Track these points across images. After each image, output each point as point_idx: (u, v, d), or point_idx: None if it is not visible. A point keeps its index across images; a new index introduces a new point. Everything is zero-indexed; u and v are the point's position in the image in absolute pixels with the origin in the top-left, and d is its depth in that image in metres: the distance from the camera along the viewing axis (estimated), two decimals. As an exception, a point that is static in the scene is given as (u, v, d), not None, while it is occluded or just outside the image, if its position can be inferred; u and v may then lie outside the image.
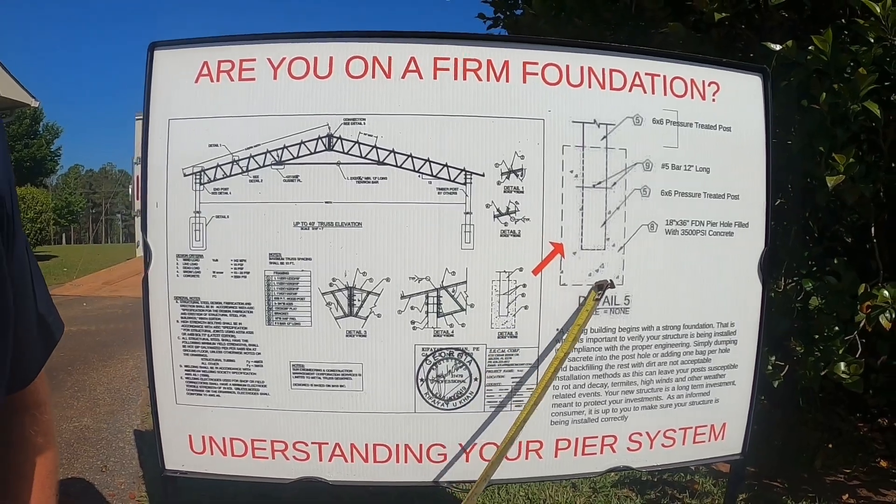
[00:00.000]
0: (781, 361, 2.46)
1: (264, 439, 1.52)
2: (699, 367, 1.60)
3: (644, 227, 1.51)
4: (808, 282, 2.42)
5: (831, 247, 2.77)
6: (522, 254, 1.46)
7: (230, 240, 1.47)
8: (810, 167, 2.27)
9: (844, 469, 2.62)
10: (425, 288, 1.45)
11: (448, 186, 1.44)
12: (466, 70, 1.45)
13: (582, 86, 1.48)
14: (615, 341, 1.52)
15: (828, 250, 2.69)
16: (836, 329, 2.34)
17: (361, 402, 1.48)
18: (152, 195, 1.50)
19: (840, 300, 2.32)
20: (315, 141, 1.44)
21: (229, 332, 1.49)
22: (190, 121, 1.49)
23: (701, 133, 1.57)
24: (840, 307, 2.32)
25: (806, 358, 2.34)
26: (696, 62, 1.60)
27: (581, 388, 1.51)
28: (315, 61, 1.46)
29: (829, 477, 2.58)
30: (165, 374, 1.53)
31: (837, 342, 2.29)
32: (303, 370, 1.48)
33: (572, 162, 1.47)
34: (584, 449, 1.55)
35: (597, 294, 1.42)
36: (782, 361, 2.46)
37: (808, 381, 2.32)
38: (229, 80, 1.48)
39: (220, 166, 1.47)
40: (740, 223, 1.61)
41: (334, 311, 1.45)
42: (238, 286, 1.47)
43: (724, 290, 1.60)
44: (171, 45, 1.52)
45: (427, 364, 1.47)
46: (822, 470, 2.59)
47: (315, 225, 1.44)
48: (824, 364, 2.29)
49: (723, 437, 1.67)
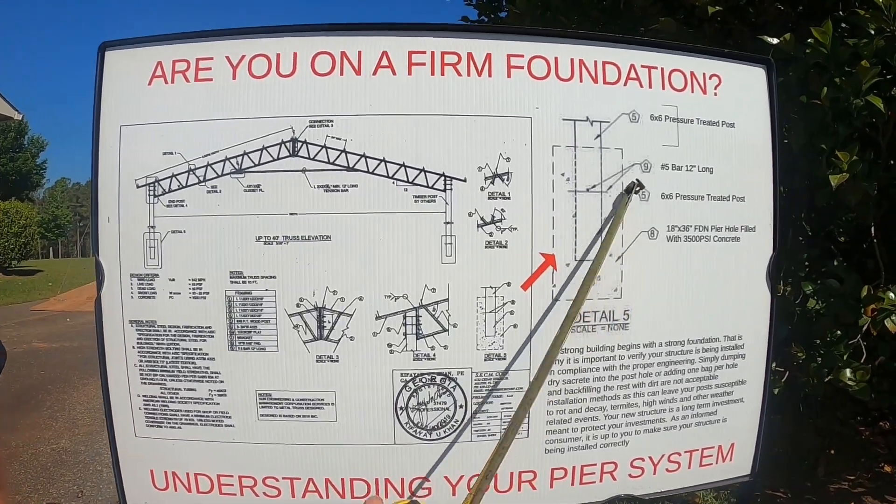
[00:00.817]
0: (781, 367, 2.26)
1: (231, 474, 1.31)
2: (705, 385, 1.39)
3: (644, 234, 1.30)
4: (807, 285, 2.22)
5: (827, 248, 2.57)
6: (510, 267, 1.26)
7: (187, 257, 1.26)
8: (811, 166, 2.07)
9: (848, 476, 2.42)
10: (402, 307, 1.24)
11: (426, 193, 1.23)
12: (444, 64, 1.24)
13: (573, 80, 1.28)
14: (614, 360, 1.31)
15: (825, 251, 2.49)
16: (839, 333, 2.14)
17: (335, 433, 1.27)
18: (104, 209, 1.30)
19: (842, 303, 2.12)
20: (278, 146, 1.23)
21: (189, 358, 1.28)
22: (143, 127, 1.28)
23: (703, 130, 1.36)
24: (842, 311, 2.12)
25: (808, 364, 2.15)
26: (696, 53, 1.39)
27: (577, 413, 1.31)
28: (277, 58, 1.25)
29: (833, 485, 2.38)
30: (122, 405, 1.32)
31: (841, 347, 2.09)
32: (270, 399, 1.27)
33: (563, 164, 1.26)
34: (581, 478, 1.34)
35: (627, 198, 1.25)
36: (782, 367, 2.26)
37: (811, 388, 2.13)
38: (185, 81, 1.27)
39: (176, 176, 1.26)
40: (747, 227, 1.40)
41: (302, 334, 1.24)
42: (197, 308, 1.26)
43: (730, 300, 1.40)
44: (123, 45, 1.31)
45: (407, 391, 1.26)
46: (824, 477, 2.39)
47: (279, 239, 1.23)
48: (828, 370, 2.09)
49: (731, 459, 1.46)
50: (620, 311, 1.30)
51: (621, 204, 1.26)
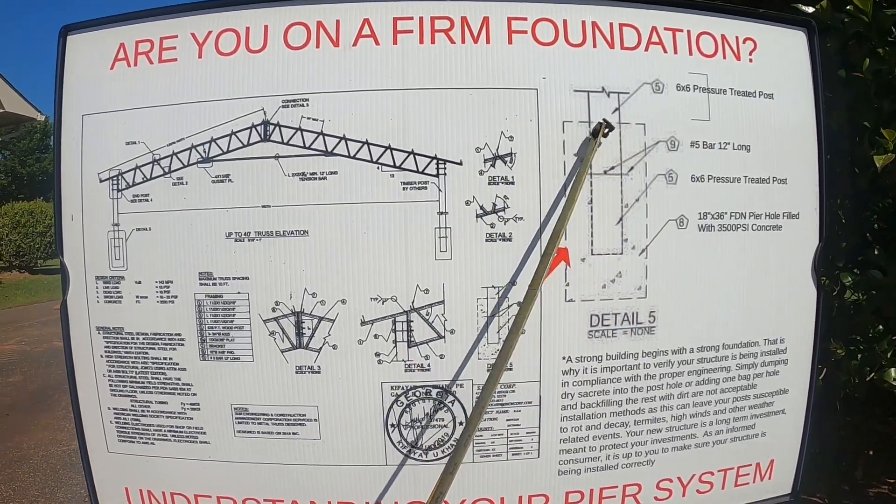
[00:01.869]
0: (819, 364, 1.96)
1: (209, 495, 1.11)
2: (742, 396, 1.14)
3: (671, 223, 1.05)
4: (846, 276, 1.91)
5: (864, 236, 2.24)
6: (515, 263, 1.02)
7: (154, 257, 1.06)
8: (852, 146, 1.76)
9: (888, 479, 2.10)
10: (391, 311, 1.01)
11: (416, 180, 1.00)
12: (435, 31, 1.01)
13: (584, 45, 1.03)
14: (638, 370, 1.06)
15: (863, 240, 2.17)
16: (881, 328, 1.84)
17: (320, 452, 1.05)
18: (67, 206, 1.11)
19: (885, 296, 1.81)
20: (248, 130, 1.02)
21: (159, 368, 1.08)
22: (105, 115, 1.09)
23: (737, 102, 1.10)
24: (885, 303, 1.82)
25: (847, 361, 1.85)
26: (727, 14, 1.12)
27: (596, 430, 1.06)
28: (247, 32, 1.04)
29: (872, 488, 2.08)
30: (94, 418, 1.14)
31: (884, 344, 1.78)
32: (247, 414, 1.06)
33: (576, 142, 1.01)
34: (601, 502, 1.10)
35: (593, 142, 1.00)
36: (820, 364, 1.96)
37: (852, 387, 1.83)
38: (148, 62, 1.07)
39: (140, 168, 1.06)
40: (789, 214, 1.14)
41: (280, 342, 1.03)
42: (165, 313, 1.06)
43: (771, 298, 1.14)
44: (85, 28, 1.13)
45: (398, 406, 1.03)
46: (863, 480, 2.09)
47: (251, 235, 1.02)
48: (870, 368, 1.80)
49: (769, 477, 1.20)
50: (645, 312, 1.05)
51: (588, 150, 1.01)
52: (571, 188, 1.00)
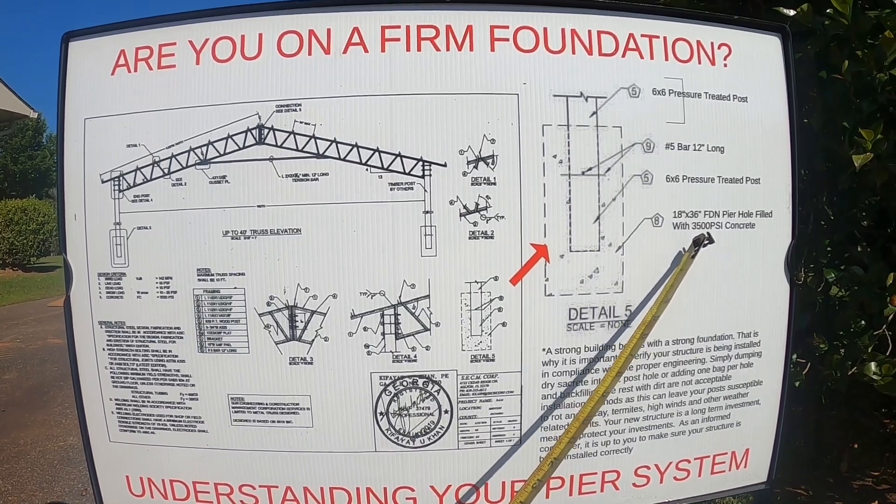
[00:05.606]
0: (802, 359, 2.03)
1: (207, 482, 1.18)
2: (717, 387, 1.21)
3: (647, 222, 1.12)
4: (829, 272, 1.98)
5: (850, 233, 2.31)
6: (497, 259, 1.09)
7: (154, 254, 1.13)
8: (832, 146, 1.83)
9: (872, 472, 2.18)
10: (380, 305, 1.08)
11: (402, 181, 1.07)
12: (421, 39, 1.07)
13: (564, 52, 1.10)
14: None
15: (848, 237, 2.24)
16: (863, 323, 1.91)
17: (312, 440, 1.12)
18: (70, 206, 1.18)
19: (867, 292, 1.88)
20: (244, 134, 1.09)
21: (159, 360, 1.15)
22: (107, 119, 1.16)
23: (711, 105, 1.17)
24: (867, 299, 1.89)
25: (830, 356, 1.92)
26: (703, 20, 1.20)
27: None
28: (242, 40, 1.10)
29: (857, 481, 2.15)
30: (96, 409, 1.21)
31: (865, 339, 1.85)
32: (243, 404, 1.13)
33: (555, 145, 1.09)
34: (580, 488, 1.17)
35: (693, 251, 1.09)
36: (803, 359, 2.03)
37: (834, 381, 1.89)
38: (147, 69, 1.14)
39: (140, 169, 1.13)
40: (762, 212, 1.21)
41: (274, 334, 1.10)
42: (165, 308, 1.13)
43: (745, 293, 1.21)
44: (87, 34, 1.19)
45: (387, 395, 1.10)
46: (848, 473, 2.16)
47: (247, 234, 1.09)
48: (851, 363, 1.86)
49: (745, 465, 1.27)
50: (622, 306, 1.12)
51: (685, 257, 1.11)
52: (664, 289, 1.09)
